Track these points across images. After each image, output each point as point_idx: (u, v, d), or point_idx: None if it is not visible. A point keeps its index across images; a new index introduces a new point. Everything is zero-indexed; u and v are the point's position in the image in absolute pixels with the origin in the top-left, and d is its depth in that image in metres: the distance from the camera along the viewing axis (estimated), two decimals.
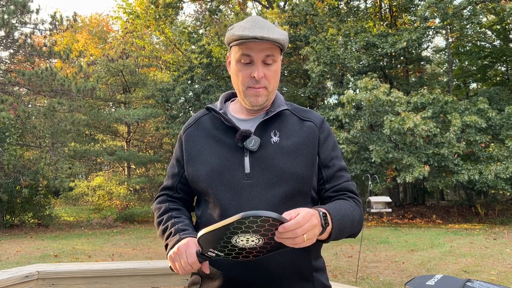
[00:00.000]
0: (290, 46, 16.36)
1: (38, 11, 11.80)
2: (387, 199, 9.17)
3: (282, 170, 1.18)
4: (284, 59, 17.00)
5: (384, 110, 12.08)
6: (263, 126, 1.25)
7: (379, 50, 14.21)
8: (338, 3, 17.92)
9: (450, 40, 16.51)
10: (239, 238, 0.95)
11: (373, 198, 9.37)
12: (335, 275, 6.08)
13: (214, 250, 1.01)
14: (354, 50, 14.74)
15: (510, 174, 11.04)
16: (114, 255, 8.16)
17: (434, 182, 12.17)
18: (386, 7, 19.28)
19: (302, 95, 16.77)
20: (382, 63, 16.66)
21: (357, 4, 19.71)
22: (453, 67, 17.29)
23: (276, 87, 1.28)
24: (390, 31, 15.43)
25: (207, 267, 1.10)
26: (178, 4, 18.84)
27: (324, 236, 1.08)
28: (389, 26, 17.81)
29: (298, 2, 16.01)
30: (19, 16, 11.51)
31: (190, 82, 16.74)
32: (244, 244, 0.97)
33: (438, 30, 15.76)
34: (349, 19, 17.54)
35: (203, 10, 20.64)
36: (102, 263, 2.01)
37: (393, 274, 6.13)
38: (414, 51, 16.92)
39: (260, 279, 1.14)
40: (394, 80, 17.72)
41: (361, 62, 14.56)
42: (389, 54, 15.38)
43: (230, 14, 20.21)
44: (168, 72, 20.49)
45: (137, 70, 17.67)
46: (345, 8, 18.69)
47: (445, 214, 15.03)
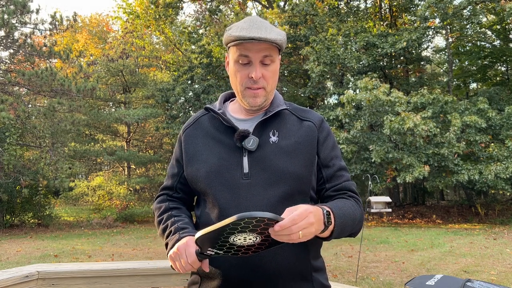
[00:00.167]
0: (290, 46, 16.35)
1: (38, 11, 11.80)
2: (387, 199, 9.18)
3: (281, 170, 1.18)
4: (284, 59, 16.99)
5: (384, 110, 12.08)
6: (262, 126, 1.25)
7: (379, 50, 14.21)
8: (338, 3, 17.92)
9: (450, 40, 16.51)
10: (237, 237, 0.95)
11: (373, 198, 9.38)
12: (335, 275, 6.08)
13: (213, 249, 1.02)
14: (354, 50, 14.74)
15: (510, 174, 11.04)
16: (114, 255, 8.16)
17: (434, 182, 12.17)
18: (386, 7, 19.28)
19: (302, 95, 16.77)
20: (382, 63, 16.66)
21: (357, 4, 19.71)
22: (453, 67, 17.28)
23: (274, 87, 1.28)
24: (390, 31, 15.42)
25: (207, 266, 1.10)
26: (178, 4, 18.84)
27: (326, 234, 1.08)
28: (389, 26, 17.81)
29: (298, 2, 16.00)
30: (19, 16, 11.51)
31: (190, 82, 16.75)
32: (242, 242, 0.98)
33: (438, 30, 15.77)
34: (349, 19, 17.54)
35: (203, 10, 20.64)
36: (102, 263, 2.02)
37: (393, 274, 6.13)
38: (414, 51, 16.91)
39: (259, 279, 1.14)
40: (394, 80, 17.72)
41: (361, 62, 14.56)
42: (389, 54, 15.38)
43: (230, 14, 20.20)
44: (168, 72, 20.49)
45: (137, 70, 17.67)
46: (345, 8, 18.69)
47: (445, 214, 15.03)
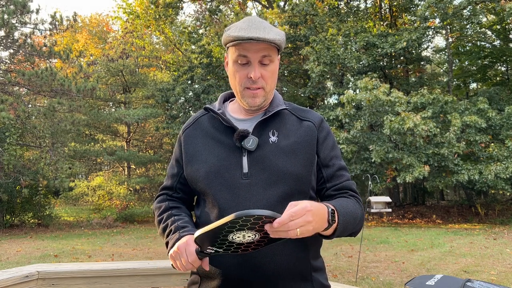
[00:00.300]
0: (290, 46, 16.35)
1: (38, 11, 11.80)
2: (387, 199, 9.18)
3: (280, 170, 1.18)
4: (284, 59, 16.99)
5: (384, 110, 12.08)
6: (261, 126, 1.25)
7: (379, 50, 14.21)
8: (338, 3, 17.92)
9: (450, 40, 16.50)
10: (235, 235, 0.96)
11: (373, 198, 9.39)
12: (335, 275, 6.08)
13: (212, 247, 1.02)
14: (354, 50, 14.73)
15: (510, 174, 11.04)
16: (114, 255, 8.16)
17: (434, 182, 12.16)
18: (386, 7, 19.28)
19: (302, 95, 16.77)
20: (382, 63, 16.66)
21: (357, 4, 19.71)
22: (453, 67, 17.28)
23: (273, 87, 1.28)
24: (390, 31, 15.42)
25: (207, 264, 1.11)
26: (178, 4, 18.85)
27: (328, 232, 1.08)
28: (389, 26, 17.80)
29: (298, 2, 16.00)
30: (19, 16, 11.51)
31: (190, 82, 16.75)
32: (241, 240, 0.98)
33: (438, 30, 15.77)
34: (349, 19, 17.54)
35: (203, 10, 20.64)
36: (102, 263, 2.02)
37: (393, 274, 6.13)
38: (414, 51, 16.91)
39: (259, 279, 1.15)
40: (394, 80, 17.72)
41: (361, 62, 14.56)
42: (389, 54, 15.38)
43: (230, 14, 20.20)
44: (168, 72, 20.49)
45: (137, 70, 17.67)
46: (345, 8, 18.69)
47: (445, 214, 15.03)
